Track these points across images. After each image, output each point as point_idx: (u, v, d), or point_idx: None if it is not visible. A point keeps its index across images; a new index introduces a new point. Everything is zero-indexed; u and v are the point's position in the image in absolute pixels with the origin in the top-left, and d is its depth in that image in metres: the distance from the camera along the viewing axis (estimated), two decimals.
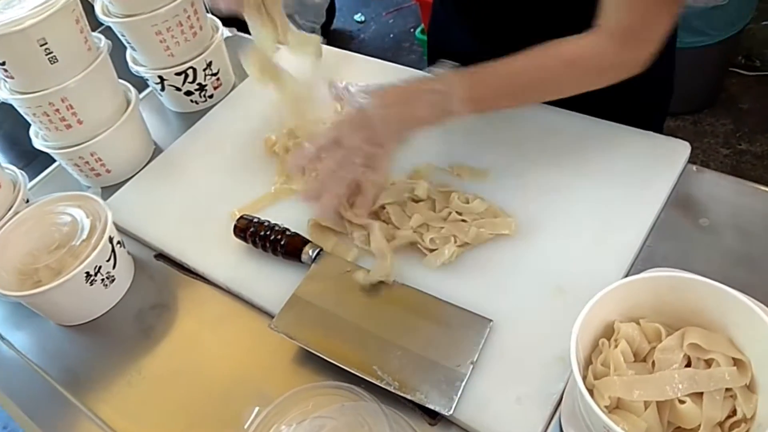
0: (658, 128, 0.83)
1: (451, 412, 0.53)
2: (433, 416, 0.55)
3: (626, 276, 0.60)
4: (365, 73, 0.86)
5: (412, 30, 2.59)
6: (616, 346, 0.46)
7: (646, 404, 0.44)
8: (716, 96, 1.98)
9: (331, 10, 2.61)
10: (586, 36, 0.61)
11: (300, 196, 0.68)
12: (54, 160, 0.89)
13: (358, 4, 2.82)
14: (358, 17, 2.75)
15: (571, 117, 0.75)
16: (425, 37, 2.37)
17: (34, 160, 0.91)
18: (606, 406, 0.44)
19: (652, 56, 0.61)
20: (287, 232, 0.68)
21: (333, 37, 2.65)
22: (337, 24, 2.70)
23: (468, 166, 0.72)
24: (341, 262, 0.66)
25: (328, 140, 0.64)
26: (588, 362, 0.47)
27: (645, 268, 0.59)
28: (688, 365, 0.45)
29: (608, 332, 0.48)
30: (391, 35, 2.64)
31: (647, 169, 0.67)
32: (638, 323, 0.48)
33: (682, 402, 0.43)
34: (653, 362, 0.46)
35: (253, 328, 0.66)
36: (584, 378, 0.44)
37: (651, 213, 0.64)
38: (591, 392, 0.44)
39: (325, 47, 0.88)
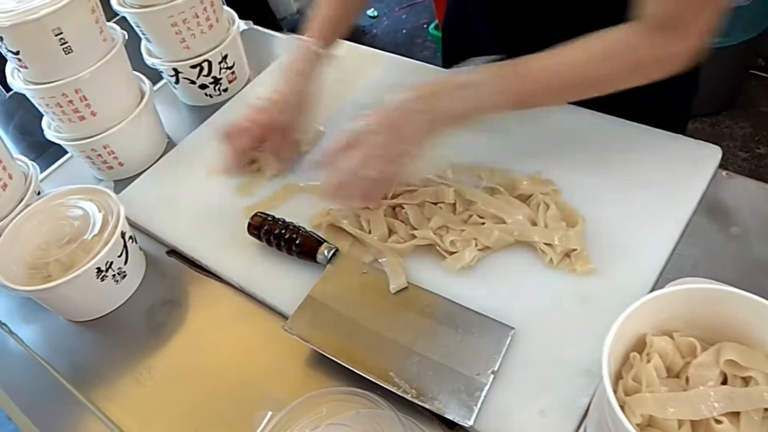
0: (682, 130, 0.80)
1: (471, 423, 0.51)
2: (451, 426, 0.54)
3: (654, 285, 0.58)
4: (390, 72, 0.84)
5: (425, 26, 2.56)
6: (648, 361, 0.44)
7: (680, 423, 0.41)
8: (735, 98, 1.95)
9: None
10: (624, 28, 0.57)
11: (320, 192, 0.66)
12: (66, 152, 0.88)
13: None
14: (370, 12, 2.73)
15: (596, 118, 0.73)
16: (439, 33, 2.35)
17: (45, 152, 0.90)
18: (638, 424, 0.42)
19: (699, 51, 0.57)
20: (302, 231, 0.67)
21: None
22: None
23: (488, 167, 0.70)
24: (358, 263, 0.65)
25: (350, 138, 0.62)
26: (617, 376, 0.45)
27: (674, 277, 0.57)
28: (725, 382, 0.43)
29: (639, 345, 0.46)
30: (404, 31, 2.62)
31: (676, 173, 0.65)
32: (671, 337, 0.45)
33: (718, 422, 0.41)
34: (687, 378, 0.43)
35: (265, 328, 0.64)
36: (614, 393, 0.43)
37: (681, 220, 0.61)
38: (621, 409, 0.42)
39: (349, 44, 0.87)
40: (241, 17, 0.94)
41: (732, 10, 1.59)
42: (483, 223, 0.64)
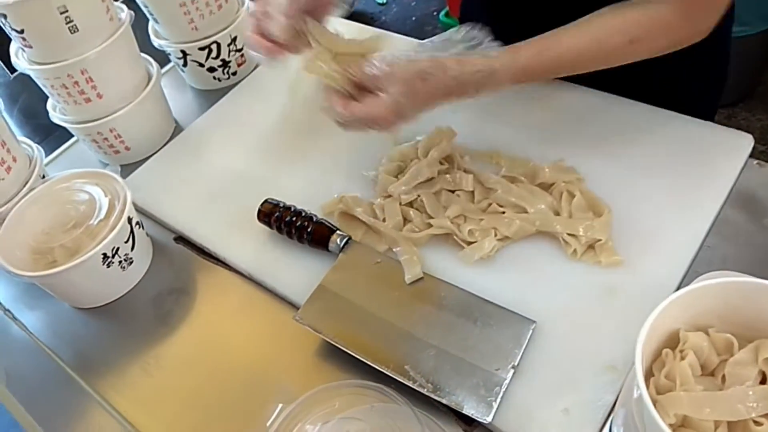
0: (710, 119, 0.77)
1: (490, 419, 0.49)
2: (469, 423, 0.52)
3: (683, 278, 0.55)
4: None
5: (435, 13, 2.52)
6: (683, 358, 0.41)
7: (717, 424, 0.39)
8: (753, 89, 1.91)
9: None
10: (642, 4, 0.56)
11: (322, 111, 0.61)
12: (71, 136, 0.86)
13: None
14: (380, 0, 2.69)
15: (620, 102, 0.70)
16: (449, 21, 2.32)
17: (50, 135, 0.88)
18: (671, 424, 0.39)
19: (712, 24, 0.56)
20: (314, 219, 0.64)
21: (354, 19, 2.59)
22: (359, 6, 2.64)
23: (508, 154, 0.68)
24: (371, 252, 0.62)
25: (372, 82, 0.57)
26: (649, 374, 0.43)
27: (703, 271, 0.54)
28: (763, 382, 0.40)
29: (672, 341, 0.43)
30: (414, 18, 2.58)
31: (705, 162, 0.62)
32: (707, 333, 0.43)
33: (757, 423, 0.39)
34: (723, 377, 0.41)
35: (275, 318, 0.63)
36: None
37: (711, 211, 0.59)
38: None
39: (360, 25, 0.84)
40: None
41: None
42: (503, 212, 0.61)
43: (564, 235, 0.58)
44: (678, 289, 0.45)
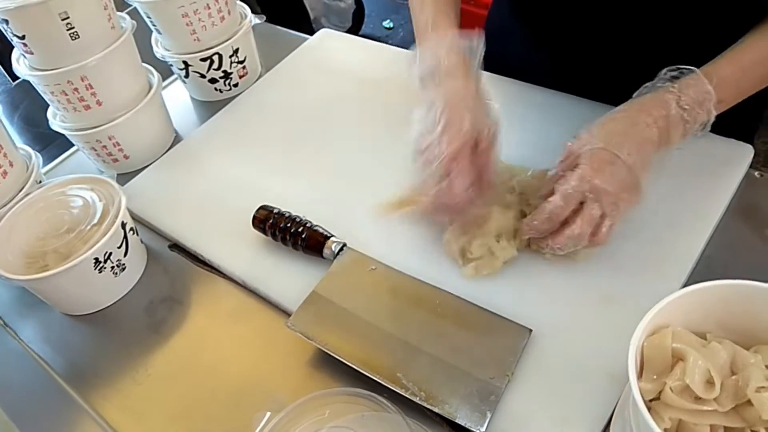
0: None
1: (483, 429, 0.48)
2: None
3: (683, 287, 0.54)
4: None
5: None
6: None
7: (713, 429, 0.38)
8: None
9: (360, 15, 2.59)
10: None
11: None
12: (72, 145, 0.86)
13: (387, 10, 2.79)
14: (386, 23, 2.73)
15: None
16: None
17: (50, 144, 0.88)
18: (665, 429, 0.38)
19: None
20: (309, 225, 0.64)
21: None
22: (365, 30, 2.67)
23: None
24: (365, 258, 0.61)
25: (567, 198, 0.53)
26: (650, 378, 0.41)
27: (703, 279, 0.53)
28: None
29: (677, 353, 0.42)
30: None
31: (706, 172, 0.62)
32: (705, 338, 0.42)
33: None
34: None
35: (269, 326, 0.62)
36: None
37: (710, 219, 0.58)
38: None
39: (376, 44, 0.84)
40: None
41: None
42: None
43: None
44: None
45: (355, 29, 2.55)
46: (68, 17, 0.67)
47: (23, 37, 0.68)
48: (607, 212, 0.52)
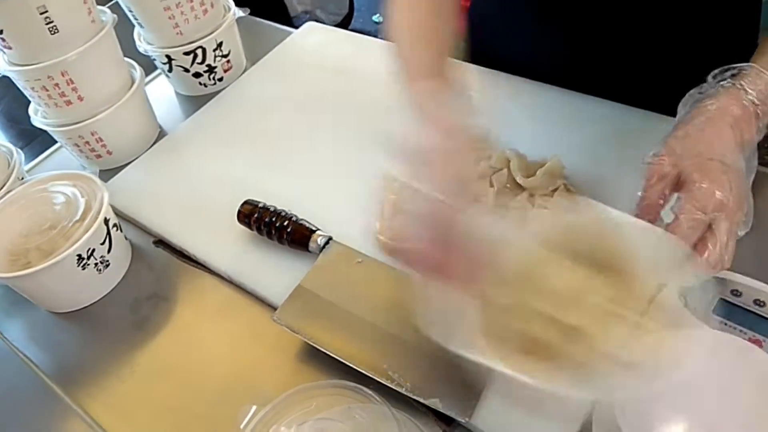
0: None
1: (468, 419, 0.48)
2: (448, 422, 0.50)
3: None
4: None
5: None
6: None
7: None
8: None
9: (349, 10, 2.57)
10: None
11: None
12: (55, 142, 0.85)
13: (376, 4, 2.78)
14: (376, 18, 2.72)
15: (618, 109, 0.71)
16: None
17: (34, 140, 0.87)
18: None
19: None
20: (294, 219, 0.63)
21: None
22: (355, 24, 2.66)
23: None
24: (351, 252, 0.61)
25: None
26: None
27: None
28: None
29: None
30: None
31: None
32: None
33: None
34: None
35: (255, 321, 0.61)
36: None
37: None
38: None
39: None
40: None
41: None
42: None
43: None
44: None
45: (345, 24, 2.54)
46: (46, 11, 0.67)
47: (1, 32, 0.67)
48: (734, 230, 0.44)
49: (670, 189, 0.47)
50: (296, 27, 0.99)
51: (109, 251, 0.65)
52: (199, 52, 0.85)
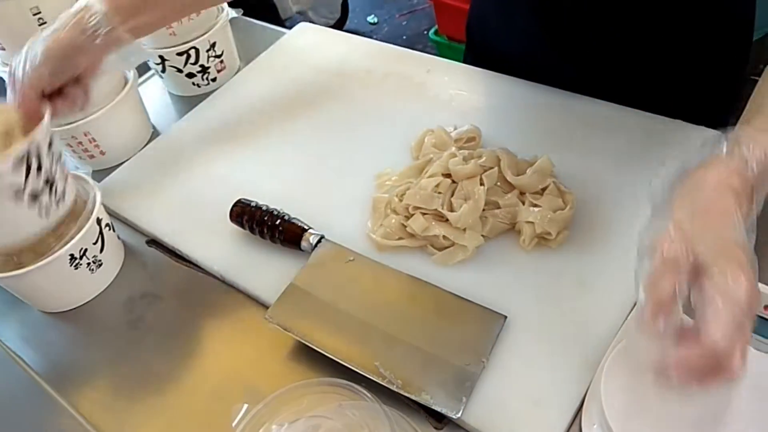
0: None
1: (459, 414, 0.48)
2: (439, 419, 0.50)
3: None
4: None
5: (425, 32, 2.55)
6: None
7: None
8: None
9: (344, 11, 2.58)
10: None
11: None
12: None
13: (371, 5, 2.79)
14: (371, 19, 2.73)
15: (610, 109, 0.71)
16: (439, 39, 2.35)
17: None
18: None
19: None
20: (286, 218, 0.64)
21: None
22: (350, 25, 2.67)
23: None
24: (343, 250, 0.62)
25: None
26: None
27: None
28: None
29: None
30: (404, 37, 2.61)
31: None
32: None
33: None
34: None
35: (248, 320, 0.61)
36: None
37: None
38: None
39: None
40: (231, 6, 0.92)
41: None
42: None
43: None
44: None
45: (340, 24, 2.54)
46: (39, 12, 0.67)
47: None
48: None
49: (688, 279, 0.38)
50: (289, 28, 0.99)
51: (101, 251, 0.65)
52: (193, 52, 0.85)
